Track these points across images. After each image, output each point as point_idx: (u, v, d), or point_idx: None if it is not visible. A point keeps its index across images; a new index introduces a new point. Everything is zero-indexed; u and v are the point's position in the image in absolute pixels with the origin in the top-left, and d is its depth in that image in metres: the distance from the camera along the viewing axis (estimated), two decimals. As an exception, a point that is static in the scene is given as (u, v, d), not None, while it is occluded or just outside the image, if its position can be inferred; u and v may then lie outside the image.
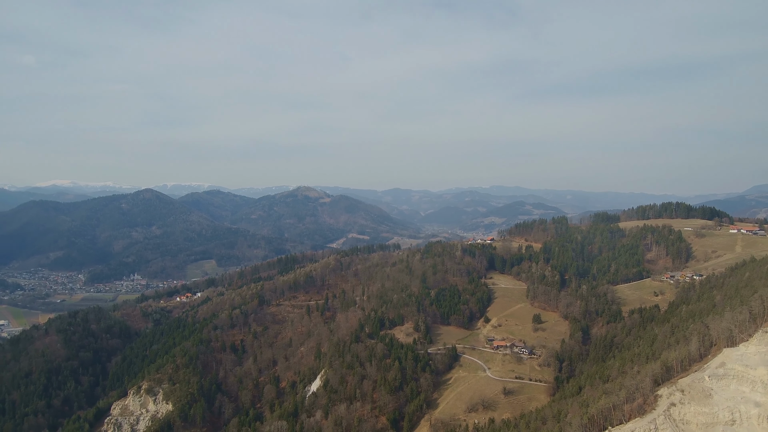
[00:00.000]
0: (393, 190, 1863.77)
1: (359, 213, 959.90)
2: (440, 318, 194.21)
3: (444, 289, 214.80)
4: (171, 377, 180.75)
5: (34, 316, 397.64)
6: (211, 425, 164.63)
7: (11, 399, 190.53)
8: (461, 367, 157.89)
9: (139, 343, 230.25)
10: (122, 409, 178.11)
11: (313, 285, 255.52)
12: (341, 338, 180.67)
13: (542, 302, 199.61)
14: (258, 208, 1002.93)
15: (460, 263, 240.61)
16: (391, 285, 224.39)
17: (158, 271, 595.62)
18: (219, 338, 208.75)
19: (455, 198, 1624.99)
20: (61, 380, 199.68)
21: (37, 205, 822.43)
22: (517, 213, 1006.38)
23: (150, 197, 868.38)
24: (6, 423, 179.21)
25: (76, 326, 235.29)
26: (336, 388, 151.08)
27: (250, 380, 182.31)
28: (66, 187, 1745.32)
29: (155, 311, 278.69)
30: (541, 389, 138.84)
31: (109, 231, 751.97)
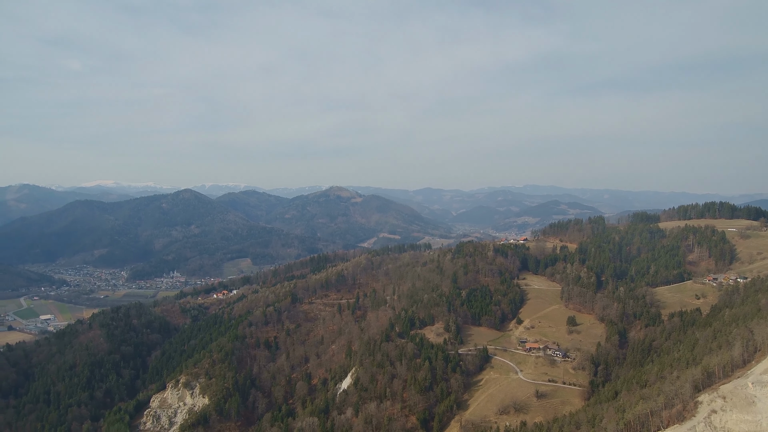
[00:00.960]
0: (424, 190, 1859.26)
1: (390, 213, 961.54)
2: (471, 319, 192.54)
3: (475, 289, 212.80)
4: (208, 372, 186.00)
5: (79, 311, 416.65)
6: (245, 420, 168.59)
7: (56, 390, 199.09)
8: (492, 368, 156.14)
9: (177, 338, 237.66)
10: (161, 401, 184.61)
11: (344, 284, 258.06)
12: (372, 337, 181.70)
13: (577, 304, 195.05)
14: (292, 208, 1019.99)
15: (492, 263, 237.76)
16: (421, 285, 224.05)
17: (196, 268, 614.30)
18: (253, 335, 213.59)
19: (488, 197, 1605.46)
20: (104, 373, 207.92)
21: (82, 204, 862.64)
22: (551, 213, 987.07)
23: (189, 197, 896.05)
24: (51, 413, 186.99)
25: (118, 321, 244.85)
26: (366, 387, 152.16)
27: (283, 376, 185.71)
28: (110, 187, 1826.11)
29: (193, 307, 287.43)
30: (575, 393, 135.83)
31: (151, 230, 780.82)
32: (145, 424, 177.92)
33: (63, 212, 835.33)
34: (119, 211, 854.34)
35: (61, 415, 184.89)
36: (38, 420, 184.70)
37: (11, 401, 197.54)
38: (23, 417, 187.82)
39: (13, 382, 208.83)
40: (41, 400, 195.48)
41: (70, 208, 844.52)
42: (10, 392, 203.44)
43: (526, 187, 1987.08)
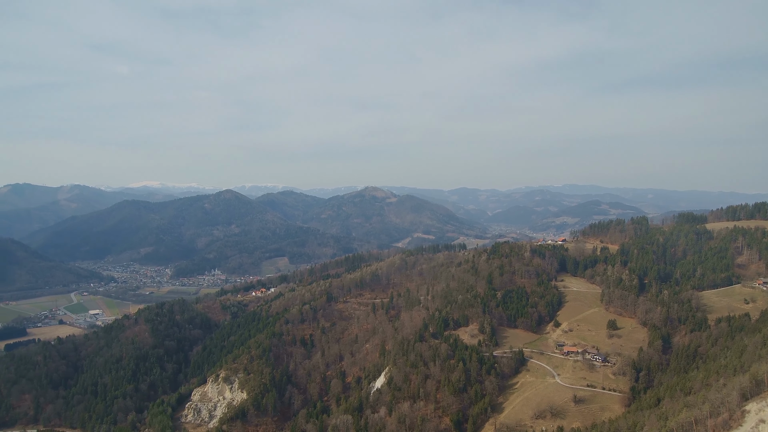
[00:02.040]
0: (459, 190, 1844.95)
1: (425, 213, 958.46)
2: (506, 320, 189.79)
3: (511, 290, 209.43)
4: (246, 367, 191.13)
5: (125, 306, 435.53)
6: (281, 415, 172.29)
7: (103, 382, 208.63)
8: (528, 371, 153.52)
9: (218, 334, 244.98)
10: (202, 395, 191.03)
11: (378, 283, 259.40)
12: (405, 337, 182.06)
13: (618, 307, 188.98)
14: (327, 208, 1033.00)
15: (529, 264, 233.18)
16: (455, 285, 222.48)
17: (236, 267, 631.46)
18: (290, 332, 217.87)
19: (525, 197, 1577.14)
20: (148, 366, 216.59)
21: (129, 204, 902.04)
22: (591, 213, 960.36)
23: (230, 197, 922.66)
24: (98, 404, 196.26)
25: (162, 317, 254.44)
26: (400, 386, 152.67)
27: (318, 374, 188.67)
28: (155, 187, 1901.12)
29: (233, 305, 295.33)
30: (615, 399, 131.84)
31: (194, 229, 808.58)
32: (187, 416, 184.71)
33: (111, 212, 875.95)
34: (164, 210, 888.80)
35: (107, 406, 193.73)
36: (86, 410, 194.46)
37: (61, 392, 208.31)
38: (72, 407, 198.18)
39: (63, 374, 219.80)
40: (89, 391, 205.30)
41: (118, 208, 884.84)
42: (60, 383, 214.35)
43: (565, 187, 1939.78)
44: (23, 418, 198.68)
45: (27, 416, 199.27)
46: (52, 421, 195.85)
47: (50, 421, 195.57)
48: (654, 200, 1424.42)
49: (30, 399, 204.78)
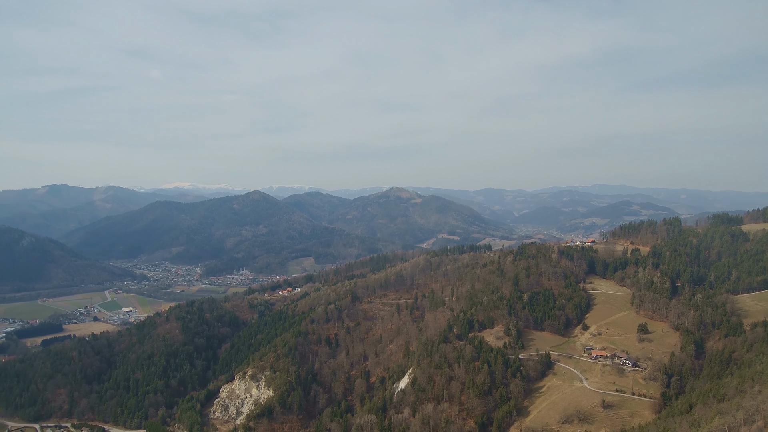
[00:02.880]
0: (485, 190, 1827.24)
1: (450, 213, 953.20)
2: (533, 323, 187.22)
3: (538, 292, 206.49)
4: (272, 365, 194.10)
5: (157, 304, 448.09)
6: (306, 413, 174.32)
7: (135, 378, 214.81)
8: (555, 375, 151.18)
9: (245, 332, 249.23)
10: (229, 392, 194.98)
11: (403, 284, 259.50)
12: (429, 338, 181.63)
13: (649, 311, 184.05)
14: (353, 209, 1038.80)
15: (557, 266, 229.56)
16: (481, 286, 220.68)
17: (263, 266, 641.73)
18: (315, 331, 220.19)
19: (552, 198, 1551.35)
20: (178, 363, 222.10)
21: (162, 205, 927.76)
22: (622, 213, 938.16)
23: (258, 198, 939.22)
24: (130, 399, 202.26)
25: (192, 315, 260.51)
26: (424, 387, 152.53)
27: (343, 373, 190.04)
28: (187, 189, 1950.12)
29: (260, 303, 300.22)
30: (645, 405, 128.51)
31: (223, 229, 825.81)
32: (215, 413, 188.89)
33: (144, 212, 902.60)
34: (195, 211, 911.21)
35: (139, 401, 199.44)
36: (118, 405, 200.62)
37: (95, 387, 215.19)
38: (105, 402, 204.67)
39: (97, 369, 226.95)
40: (121, 386, 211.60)
41: (150, 209, 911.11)
42: (94, 378, 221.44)
43: (595, 187, 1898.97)
44: (58, 412, 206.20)
45: (62, 410, 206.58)
46: (85, 415, 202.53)
47: (84, 415, 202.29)
48: (687, 201, 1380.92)
49: (65, 393, 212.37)
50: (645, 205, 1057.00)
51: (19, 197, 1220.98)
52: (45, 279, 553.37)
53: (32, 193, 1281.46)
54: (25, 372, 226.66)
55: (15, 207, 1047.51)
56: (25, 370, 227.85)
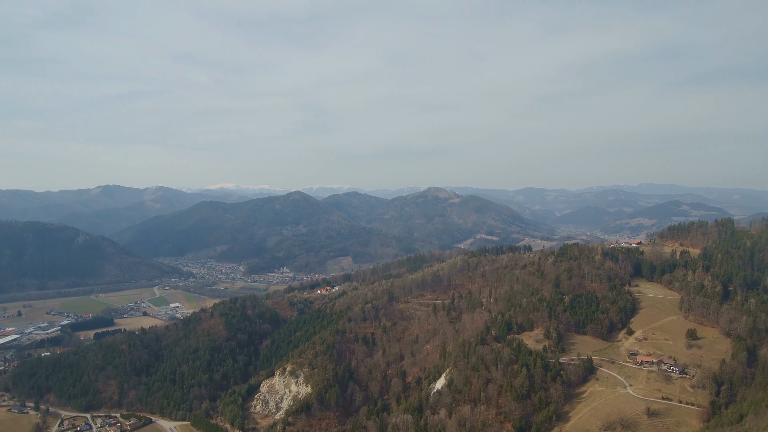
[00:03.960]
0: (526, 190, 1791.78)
1: (488, 213, 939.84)
2: (574, 326, 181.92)
3: (580, 295, 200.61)
4: (311, 362, 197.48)
5: (202, 300, 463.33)
6: (343, 410, 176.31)
7: (181, 371, 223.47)
8: (597, 380, 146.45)
9: (285, 329, 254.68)
10: (269, 387, 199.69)
11: (439, 284, 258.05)
12: (466, 339, 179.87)
13: (698, 316, 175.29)
14: (390, 209, 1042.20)
15: (600, 268, 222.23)
16: (520, 288, 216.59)
17: (303, 265, 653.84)
18: (352, 330, 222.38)
19: (596, 197, 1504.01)
20: (222, 357, 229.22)
21: (207, 205, 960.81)
22: (670, 214, 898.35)
23: (298, 199, 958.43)
24: (176, 392, 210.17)
25: (235, 311, 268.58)
26: (460, 389, 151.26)
27: (379, 372, 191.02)
28: (231, 189, 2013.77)
29: (299, 301, 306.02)
30: (693, 414, 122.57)
31: (265, 228, 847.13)
32: (255, 407, 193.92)
33: (191, 212, 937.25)
34: (238, 211, 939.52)
35: (184, 394, 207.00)
36: (165, 397, 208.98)
37: (143, 379, 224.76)
38: (152, 394, 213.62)
39: (146, 362, 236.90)
40: (168, 379, 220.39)
41: (197, 209, 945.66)
42: (142, 371, 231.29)
43: (642, 186, 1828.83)
44: (108, 402, 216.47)
45: (112, 400, 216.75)
46: (134, 405, 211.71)
47: (132, 406, 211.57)
48: (741, 201, 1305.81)
49: (115, 384, 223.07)
50: (695, 205, 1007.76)
51: (74, 197, 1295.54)
52: (98, 275, 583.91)
53: (87, 193, 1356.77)
54: (78, 364, 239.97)
55: (71, 206, 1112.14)
56: (79, 362, 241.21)
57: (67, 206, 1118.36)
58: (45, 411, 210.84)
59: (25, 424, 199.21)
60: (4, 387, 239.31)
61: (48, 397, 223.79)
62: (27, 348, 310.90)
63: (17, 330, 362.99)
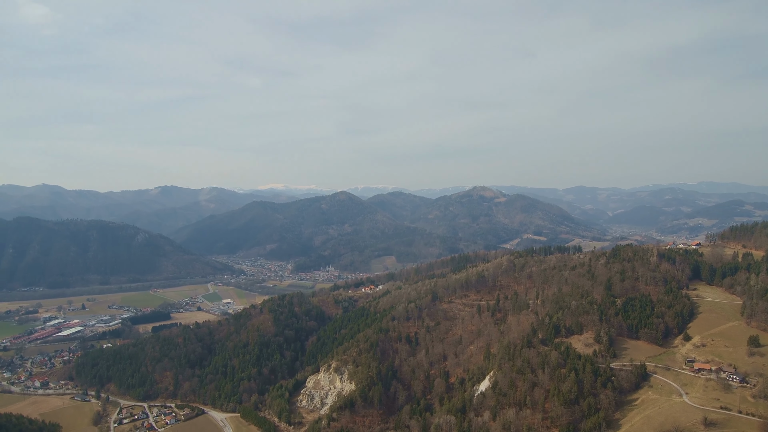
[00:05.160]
0: (576, 188, 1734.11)
1: (536, 213, 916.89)
2: (627, 330, 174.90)
3: (633, 298, 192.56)
4: (355, 360, 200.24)
5: (252, 297, 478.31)
6: (386, 408, 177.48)
7: (231, 364, 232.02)
8: (651, 388, 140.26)
9: (330, 326, 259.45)
10: (315, 383, 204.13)
11: (484, 285, 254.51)
12: (512, 341, 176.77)
13: (762, 322, 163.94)
14: (435, 208, 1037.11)
15: (655, 270, 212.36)
16: (569, 290, 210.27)
17: (348, 264, 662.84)
18: (396, 329, 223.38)
19: (652, 196, 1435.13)
20: (270, 352, 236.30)
21: (258, 205, 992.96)
22: (732, 214, 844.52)
23: (344, 199, 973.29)
24: (226, 384, 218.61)
25: (283, 308, 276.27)
26: (505, 392, 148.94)
27: (422, 371, 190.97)
28: (280, 189, 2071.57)
29: (344, 299, 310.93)
30: (754, 425, 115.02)
31: (312, 228, 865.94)
32: (301, 402, 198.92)
33: (242, 212, 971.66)
34: (287, 211, 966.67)
35: (234, 386, 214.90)
36: (216, 389, 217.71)
37: (196, 371, 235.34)
38: (205, 385, 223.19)
39: (199, 355, 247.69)
40: (220, 372, 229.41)
41: (248, 208, 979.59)
42: (196, 363, 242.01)
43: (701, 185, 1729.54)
44: (164, 393, 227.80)
45: (167, 391, 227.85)
46: (188, 396, 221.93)
47: (186, 397, 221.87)
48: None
49: (171, 376, 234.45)
50: (759, 204, 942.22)
51: (135, 197, 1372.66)
52: (156, 271, 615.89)
53: (146, 193, 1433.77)
54: (137, 355, 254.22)
55: (131, 206, 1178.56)
56: (137, 354, 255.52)
57: (128, 206, 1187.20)
58: (105, 400, 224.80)
59: (87, 411, 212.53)
60: (69, 376, 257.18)
61: (108, 387, 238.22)
62: (90, 339, 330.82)
63: (81, 322, 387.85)
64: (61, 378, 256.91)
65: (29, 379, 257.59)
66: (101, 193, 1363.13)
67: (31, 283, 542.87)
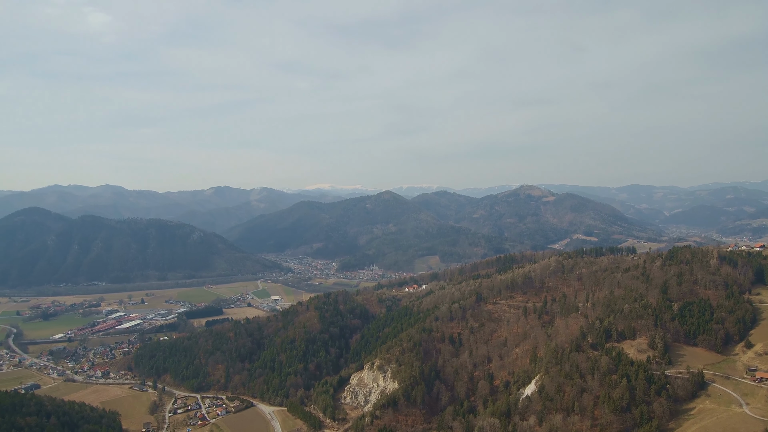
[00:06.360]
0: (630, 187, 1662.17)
1: (587, 212, 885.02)
2: (683, 336, 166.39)
3: (691, 302, 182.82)
4: (398, 359, 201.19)
5: (299, 294, 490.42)
6: (429, 408, 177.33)
7: (279, 360, 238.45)
8: (708, 397, 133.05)
9: (374, 324, 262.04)
10: (359, 380, 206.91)
11: (531, 286, 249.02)
12: (560, 345, 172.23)
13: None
14: (480, 208, 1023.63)
15: (716, 273, 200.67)
16: (621, 293, 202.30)
17: (392, 263, 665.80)
18: (439, 329, 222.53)
19: (712, 195, 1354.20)
20: (315, 349, 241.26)
21: (305, 205, 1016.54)
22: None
23: (388, 198, 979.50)
24: (274, 379, 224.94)
25: (328, 306, 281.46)
26: (552, 397, 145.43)
27: (465, 373, 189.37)
28: (326, 189, 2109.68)
29: (388, 298, 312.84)
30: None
31: (356, 227, 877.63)
32: (345, 398, 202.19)
33: (291, 211, 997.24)
34: (333, 210, 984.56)
35: (281, 381, 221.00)
36: (265, 383, 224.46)
37: (246, 365, 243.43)
38: (254, 379, 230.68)
39: (249, 349, 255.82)
40: (268, 366, 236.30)
41: (296, 208, 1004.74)
42: (246, 357, 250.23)
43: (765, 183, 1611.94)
44: (216, 385, 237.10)
45: (219, 383, 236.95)
46: (238, 389, 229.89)
47: (236, 389, 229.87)
48: None
49: (222, 369, 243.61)
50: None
51: (190, 197, 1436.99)
52: (210, 268, 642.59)
53: (201, 194, 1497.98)
54: (191, 348, 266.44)
55: (187, 205, 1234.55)
56: (191, 347, 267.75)
57: (184, 205, 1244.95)
58: (161, 390, 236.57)
59: (144, 401, 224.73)
60: (128, 366, 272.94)
61: (165, 378, 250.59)
62: (148, 332, 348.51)
63: (140, 316, 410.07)
64: (121, 368, 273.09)
65: (91, 369, 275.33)
66: (159, 194, 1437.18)
67: (94, 278, 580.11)
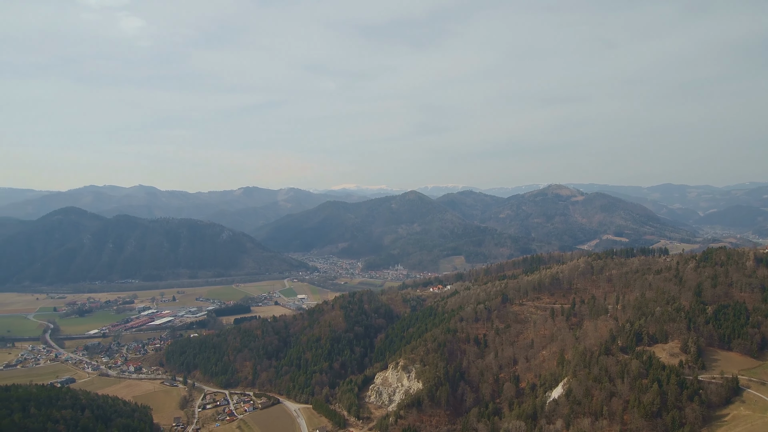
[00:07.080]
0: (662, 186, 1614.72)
1: (617, 212, 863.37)
2: (718, 341, 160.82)
3: (726, 306, 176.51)
4: (422, 359, 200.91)
5: (325, 293, 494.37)
6: (453, 409, 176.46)
7: (305, 358, 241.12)
8: (743, 403, 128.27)
9: (398, 324, 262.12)
10: (383, 380, 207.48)
11: (558, 287, 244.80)
12: (588, 348, 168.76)
13: None
14: (506, 207, 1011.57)
15: (752, 276, 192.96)
16: (653, 295, 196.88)
17: (416, 263, 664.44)
18: (464, 330, 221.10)
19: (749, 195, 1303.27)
20: (340, 348, 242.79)
21: (331, 205, 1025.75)
22: None
23: (413, 198, 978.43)
24: (300, 376, 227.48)
25: (353, 305, 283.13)
26: (579, 400, 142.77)
27: (491, 374, 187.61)
28: (352, 190, 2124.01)
29: (412, 298, 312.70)
30: None
31: (381, 227, 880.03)
32: (370, 397, 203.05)
33: (317, 211, 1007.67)
34: (358, 210, 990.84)
35: (307, 379, 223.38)
36: (291, 380, 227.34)
37: (273, 362, 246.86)
38: (280, 376, 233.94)
39: (276, 347, 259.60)
40: (294, 364, 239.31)
41: (322, 208, 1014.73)
42: (273, 354, 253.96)
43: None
44: (244, 381, 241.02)
45: (247, 380, 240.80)
46: (264, 386, 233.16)
47: (263, 386, 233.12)
48: None
49: (250, 366, 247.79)
50: None
51: (220, 197, 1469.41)
52: (239, 267, 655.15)
53: (230, 194, 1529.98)
54: (220, 345, 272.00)
55: (217, 205, 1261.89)
56: (220, 344, 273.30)
57: (214, 205, 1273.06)
58: (191, 385, 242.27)
59: (174, 396, 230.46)
60: (159, 362, 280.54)
61: (194, 373, 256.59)
62: (179, 329, 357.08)
63: (172, 313, 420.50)
64: (153, 364, 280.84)
65: (125, 364, 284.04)
66: (190, 194, 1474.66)
67: (128, 276, 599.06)
